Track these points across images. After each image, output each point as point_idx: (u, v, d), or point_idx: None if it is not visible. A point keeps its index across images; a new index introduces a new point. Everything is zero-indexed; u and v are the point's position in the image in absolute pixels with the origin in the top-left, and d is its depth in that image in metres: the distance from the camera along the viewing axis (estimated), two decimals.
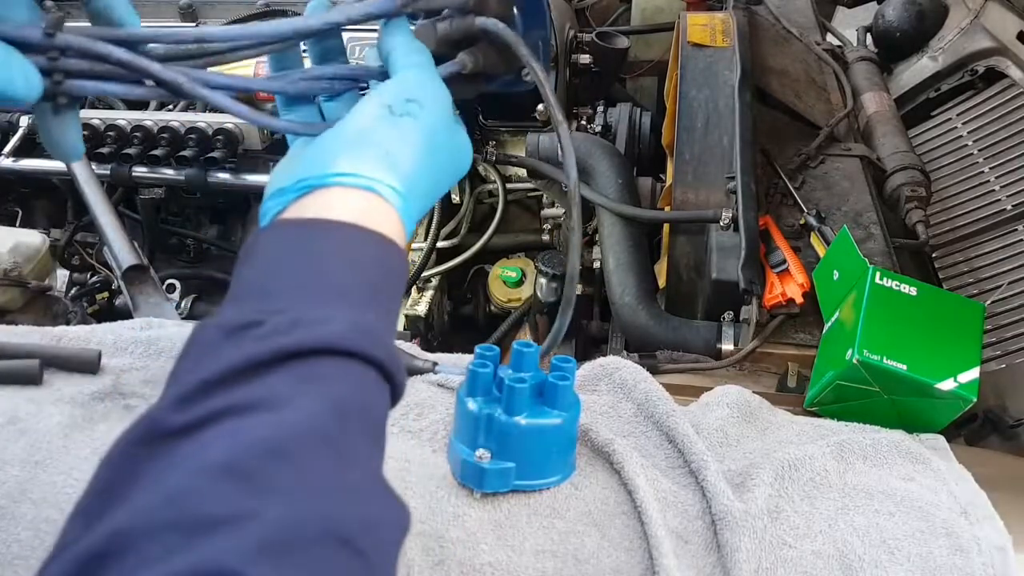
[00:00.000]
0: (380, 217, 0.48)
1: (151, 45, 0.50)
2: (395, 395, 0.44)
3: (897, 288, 0.75)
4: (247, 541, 0.32)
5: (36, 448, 0.63)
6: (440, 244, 1.32)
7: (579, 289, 1.30)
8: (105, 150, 1.22)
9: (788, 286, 0.87)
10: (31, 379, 0.69)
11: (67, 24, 0.49)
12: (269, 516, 0.33)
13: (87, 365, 0.71)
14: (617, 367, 0.75)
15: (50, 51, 0.47)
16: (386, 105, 0.52)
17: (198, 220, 1.44)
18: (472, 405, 0.62)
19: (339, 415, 0.39)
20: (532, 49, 0.58)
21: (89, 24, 0.53)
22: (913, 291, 0.75)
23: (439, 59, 0.57)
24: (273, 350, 0.39)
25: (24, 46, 0.46)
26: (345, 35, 0.61)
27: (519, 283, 1.35)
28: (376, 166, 0.49)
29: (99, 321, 1.21)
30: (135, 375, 0.72)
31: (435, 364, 0.70)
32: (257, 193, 0.57)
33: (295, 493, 0.35)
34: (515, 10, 0.61)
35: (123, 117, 1.26)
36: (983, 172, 1.25)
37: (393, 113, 0.52)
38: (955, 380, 0.69)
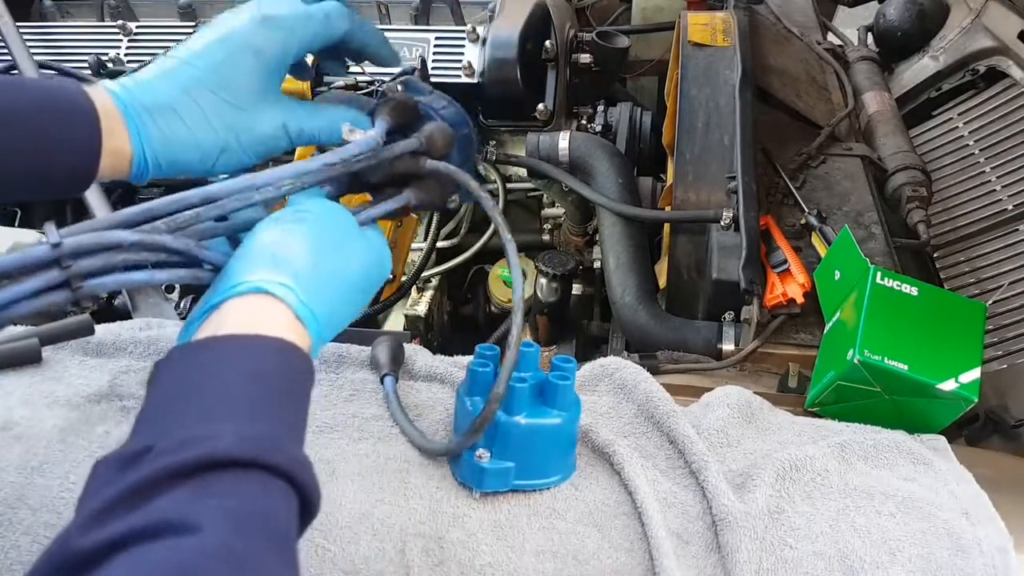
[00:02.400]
0: (271, 318, 0.49)
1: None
2: (306, 501, 0.44)
3: (898, 288, 0.75)
4: None
5: (33, 453, 0.63)
6: (440, 244, 1.32)
7: (579, 289, 1.30)
8: None
9: (789, 286, 0.87)
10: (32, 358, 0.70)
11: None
12: None
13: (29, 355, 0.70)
14: (617, 367, 0.74)
15: (62, 261, 0.48)
16: (274, 219, 0.54)
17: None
18: (472, 405, 0.62)
19: (235, 529, 0.39)
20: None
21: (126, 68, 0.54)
22: (914, 291, 0.75)
23: (384, 191, 0.62)
24: (161, 471, 0.39)
25: (36, 267, 0.47)
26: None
27: None
28: (264, 269, 0.51)
29: (98, 321, 1.21)
30: (133, 377, 0.72)
31: None
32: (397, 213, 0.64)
33: None
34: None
35: None
36: (984, 172, 1.25)
37: (280, 221, 0.54)
38: (956, 380, 0.69)
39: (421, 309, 1.27)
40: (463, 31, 1.29)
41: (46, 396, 0.68)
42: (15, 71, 1.19)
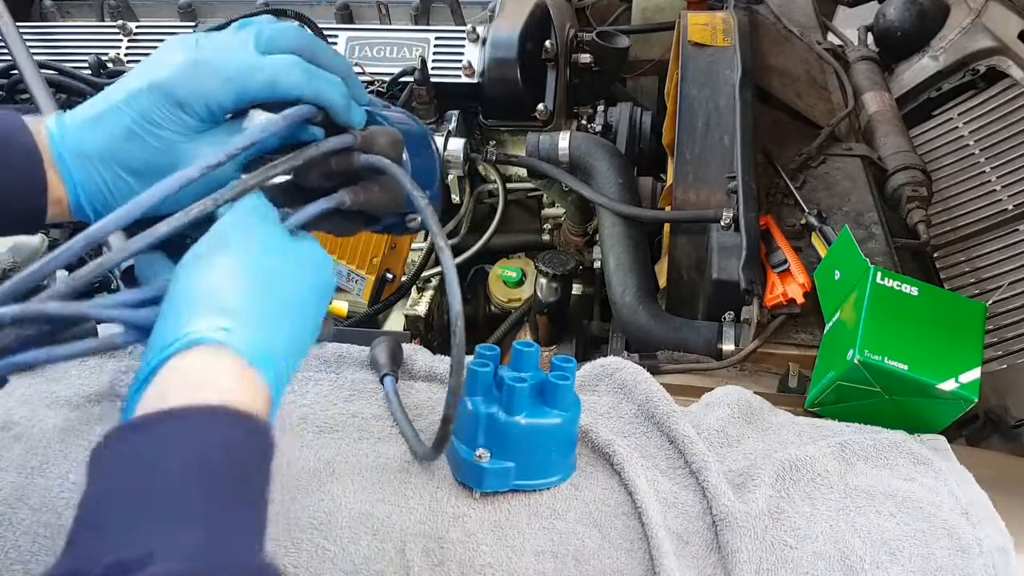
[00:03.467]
0: (217, 374, 0.44)
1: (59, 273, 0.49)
2: None
3: (898, 288, 0.75)
4: None
5: (32, 453, 0.63)
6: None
7: (579, 289, 1.30)
8: None
9: (789, 286, 0.87)
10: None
11: None
12: None
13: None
14: (617, 367, 0.74)
15: None
16: (194, 255, 0.50)
17: (198, 220, 1.44)
18: (472, 405, 0.62)
19: None
20: (422, 183, 0.57)
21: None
22: (914, 291, 0.75)
23: (320, 193, 0.55)
24: None
25: None
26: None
27: (519, 283, 1.35)
28: (196, 317, 0.46)
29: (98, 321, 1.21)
30: (132, 374, 0.71)
31: None
32: (331, 211, 0.58)
33: None
34: (405, 154, 0.60)
35: None
36: (984, 172, 1.25)
37: (200, 256, 0.49)
38: (956, 380, 0.69)
39: (421, 309, 1.27)
40: (463, 31, 1.29)
41: (46, 396, 0.68)
42: (15, 71, 1.19)
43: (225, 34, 0.56)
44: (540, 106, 1.27)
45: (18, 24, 1.22)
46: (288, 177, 0.55)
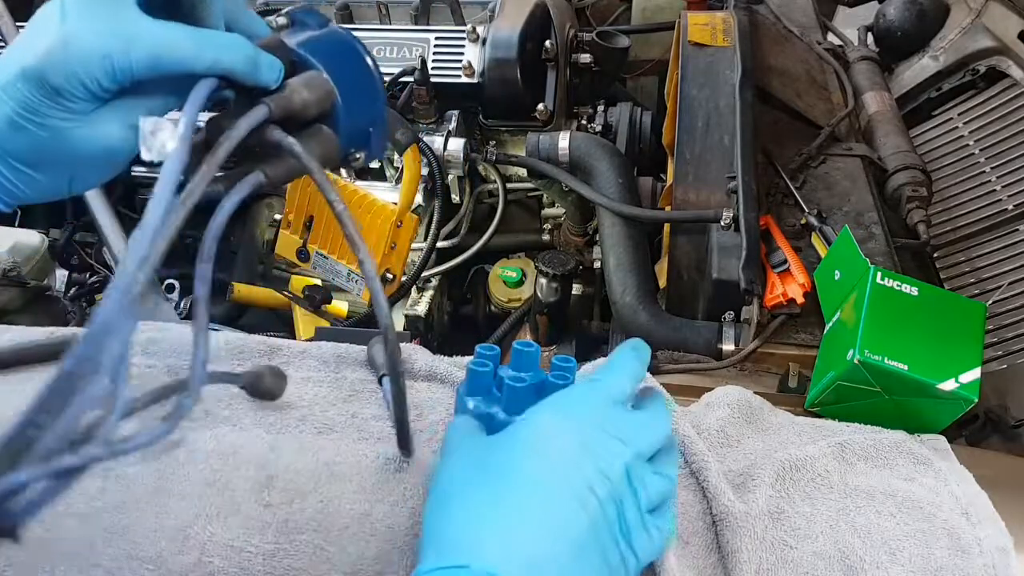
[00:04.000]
0: None
1: None
2: None
3: (898, 288, 0.75)
4: None
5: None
6: (440, 244, 1.32)
7: (579, 289, 1.31)
8: None
9: (789, 286, 0.87)
10: None
11: None
12: None
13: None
14: None
15: None
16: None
17: (198, 220, 1.44)
18: (472, 404, 0.62)
19: None
20: (362, 134, 0.54)
21: None
22: (914, 291, 0.75)
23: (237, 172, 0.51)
24: None
25: None
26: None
27: (519, 283, 1.35)
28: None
29: None
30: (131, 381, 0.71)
31: None
32: (256, 193, 0.55)
33: None
34: (338, 97, 0.54)
35: None
36: (984, 172, 1.25)
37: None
38: (956, 380, 0.69)
39: (421, 309, 1.27)
40: (463, 31, 1.29)
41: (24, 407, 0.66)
42: None
43: None
44: (540, 106, 1.27)
45: (18, 24, 1.22)
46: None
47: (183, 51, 0.49)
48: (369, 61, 0.57)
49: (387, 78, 1.25)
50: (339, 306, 1.27)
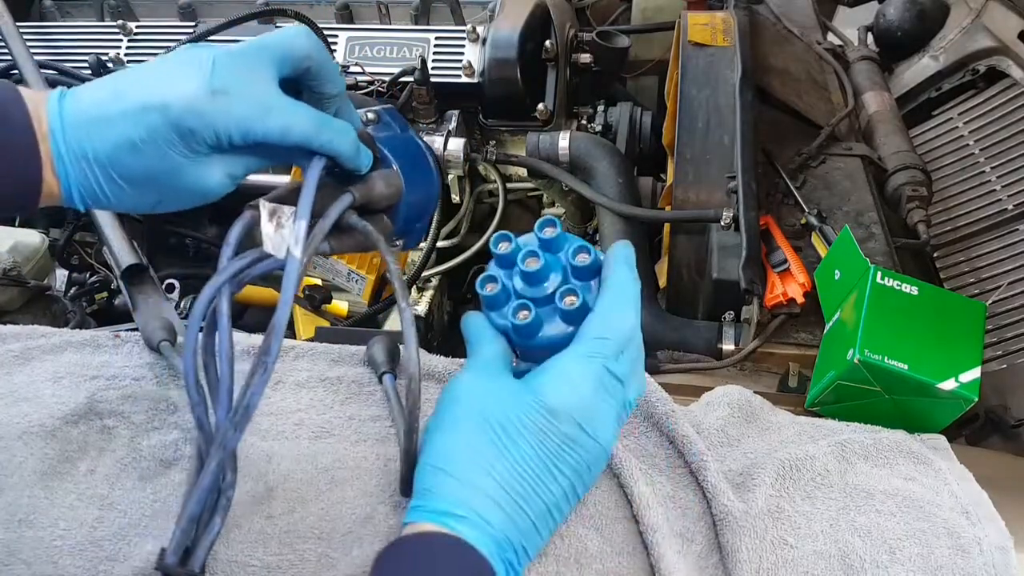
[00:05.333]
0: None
1: None
2: None
3: (898, 288, 0.75)
4: None
5: (17, 506, 0.60)
6: (440, 244, 1.32)
7: None
8: None
9: (789, 286, 0.87)
10: None
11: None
12: None
13: None
14: None
15: None
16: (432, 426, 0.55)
17: (198, 220, 1.44)
18: (494, 286, 0.59)
19: None
20: (411, 227, 0.63)
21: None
22: (914, 291, 0.75)
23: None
24: None
25: None
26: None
27: None
28: (430, 498, 0.51)
29: (98, 321, 1.21)
30: (113, 391, 0.68)
31: None
32: (256, 193, 0.57)
33: None
34: (405, 195, 0.61)
35: None
36: (984, 172, 1.25)
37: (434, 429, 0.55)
38: (956, 380, 0.69)
39: (421, 309, 1.27)
40: (463, 31, 1.29)
41: (18, 423, 0.64)
42: (15, 71, 1.19)
43: (244, 61, 0.55)
44: (540, 106, 1.27)
45: (18, 24, 1.22)
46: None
47: (306, 128, 0.56)
48: (435, 169, 0.65)
49: (387, 78, 1.26)
50: (339, 306, 1.27)
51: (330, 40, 1.31)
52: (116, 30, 1.36)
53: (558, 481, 0.51)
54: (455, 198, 1.33)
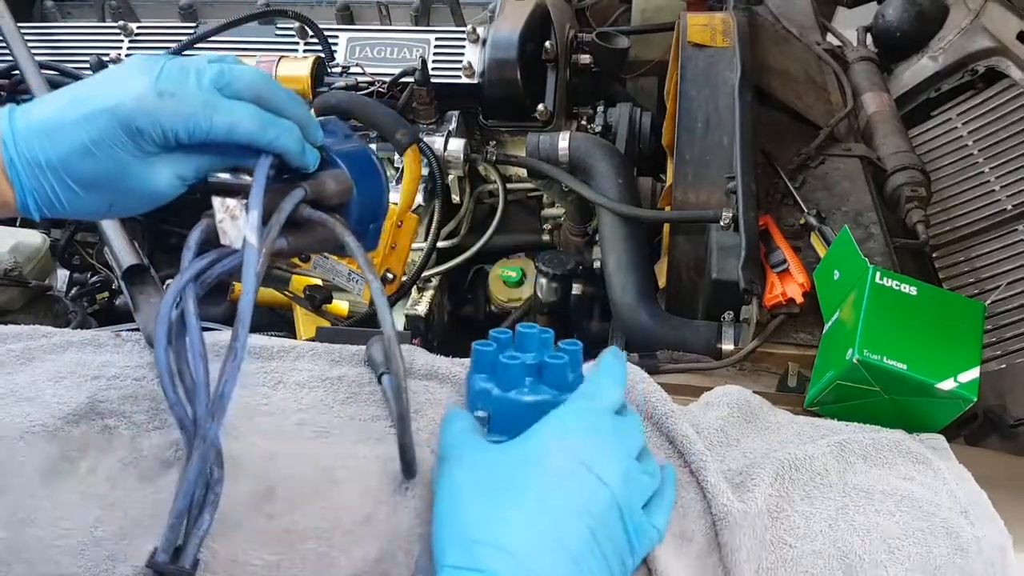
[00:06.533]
0: None
1: None
2: None
3: (897, 288, 0.75)
4: None
5: (18, 505, 0.60)
6: (440, 244, 1.32)
7: (579, 289, 1.31)
8: None
9: (788, 286, 0.87)
10: None
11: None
12: None
13: None
14: None
15: None
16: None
17: (198, 220, 1.44)
18: (474, 383, 0.62)
19: None
20: (363, 229, 0.65)
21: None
22: (913, 291, 0.75)
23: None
24: None
25: None
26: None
27: (519, 283, 1.35)
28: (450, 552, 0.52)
29: (100, 321, 1.21)
30: (114, 391, 0.68)
31: None
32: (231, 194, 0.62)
33: None
34: (355, 194, 0.64)
35: None
36: (983, 172, 1.25)
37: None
38: (955, 380, 0.69)
39: (421, 309, 1.27)
40: (463, 32, 1.29)
41: (19, 423, 0.64)
42: (16, 72, 1.19)
43: (189, 68, 0.57)
44: (540, 106, 1.27)
45: (19, 24, 1.22)
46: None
47: (251, 127, 0.58)
48: (382, 173, 0.68)
49: (387, 79, 1.26)
50: (340, 306, 1.27)
51: (330, 41, 1.31)
52: (117, 31, 1.36)
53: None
54: (455, 198, 1.33)
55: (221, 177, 0.62)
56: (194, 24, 1.41)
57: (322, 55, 1.29)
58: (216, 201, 0.59)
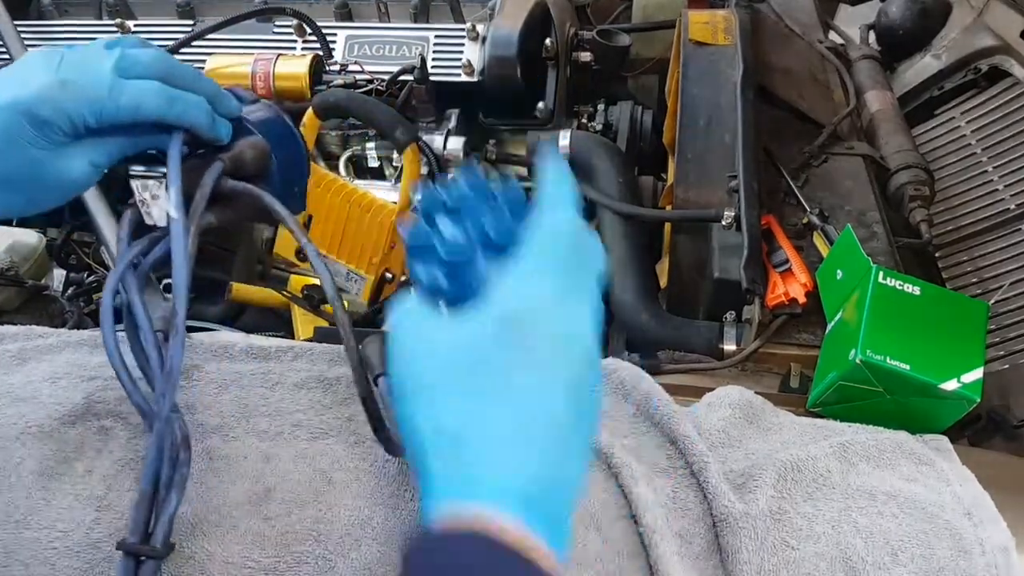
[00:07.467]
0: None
1: None
2: None
3: (900, 288, 0.75)
4: None
5: (14, 507, 0.60)
6: None
7: None
8: None
9: (791, 286, 0.86)
10: None
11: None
12: None
13: None
14: (615, 368, 0.74)
15: None
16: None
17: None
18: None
19: None
20: (288, 193, 0.65)
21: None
22: (916, 291, 0.75)
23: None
24: None
25: None
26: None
27: None
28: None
29: (96, 321, 1.21)
30: (111, 392, 0.67)
31: None
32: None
33: None
34: (273, 160, 0.65)
35: None
36: (987, 171, 1.25)
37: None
38: (959, 380, 0.68)
39: None
40: (463, 29, 1.29)
41: (15, 423, 0.64)
42: None
43: (88, 54, 0.57)
44: (540, 105, 1.27)
45: (16, 23, 1.22)
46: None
47: (158, 103, 0.58)
48: (296, 132, 0.68)
49: (386, 77, 1.25)
50: None
51: (329, 39, 1.31)
52: (115, 29, 1.36)
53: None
54: None
55: (139, 170, 0.63)
56: (192, 22, 1.41)
57: (320, 53, 1.29)
58: (135, 184, 0.60)
